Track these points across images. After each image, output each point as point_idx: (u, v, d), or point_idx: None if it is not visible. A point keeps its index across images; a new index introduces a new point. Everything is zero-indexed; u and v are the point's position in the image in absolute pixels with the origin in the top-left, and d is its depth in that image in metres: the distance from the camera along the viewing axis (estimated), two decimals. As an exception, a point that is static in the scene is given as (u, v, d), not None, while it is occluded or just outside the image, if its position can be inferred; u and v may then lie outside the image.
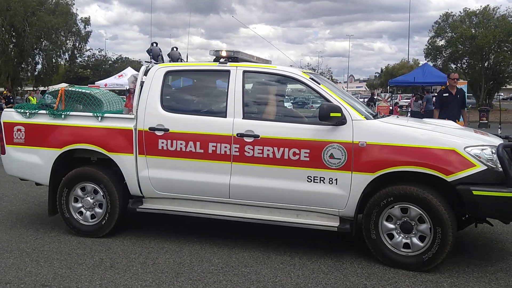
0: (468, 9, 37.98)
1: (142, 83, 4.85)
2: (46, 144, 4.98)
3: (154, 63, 5.01)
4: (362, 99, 21.80)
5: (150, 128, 4.70)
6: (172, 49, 5.44)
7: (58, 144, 4.94)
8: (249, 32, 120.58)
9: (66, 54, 32.81)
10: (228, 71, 4.63)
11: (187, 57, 5.63)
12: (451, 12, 38.37)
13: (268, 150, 4.33)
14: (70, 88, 5.24)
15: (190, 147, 4.56)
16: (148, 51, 5.09)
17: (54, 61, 30.68)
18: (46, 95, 5.78)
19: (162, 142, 4.66)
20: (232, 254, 4.57)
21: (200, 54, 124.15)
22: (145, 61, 5.08)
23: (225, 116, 4.53)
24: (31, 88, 31.98)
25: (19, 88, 30.27)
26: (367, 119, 4.29)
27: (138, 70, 5.18)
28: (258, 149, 4.36)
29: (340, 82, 74.86)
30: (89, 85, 33.16)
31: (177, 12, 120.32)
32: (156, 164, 4.72)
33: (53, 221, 5.59)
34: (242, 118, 4.47)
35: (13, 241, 5.00)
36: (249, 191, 4.47)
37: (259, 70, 4.70)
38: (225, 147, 4.45)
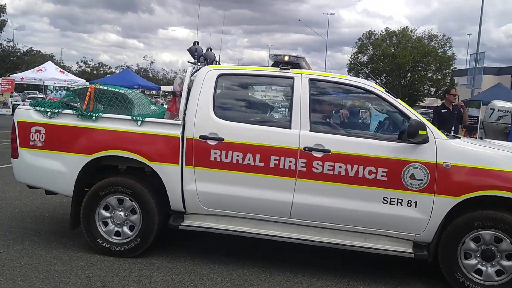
0: (389, 29, 40.70)
1: (190, 86, 4.33)
2: (72, 149, 4.22)
3: (200, 64, 4.50)
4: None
5: (201, 137, 4.17)
6: (208, 49, 4.95)
7: (87, 150, 4.20)
8: (168, 33, 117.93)
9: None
10: (292, 78, 4.26)
11: (219, 58, 5.16)
12: (374, 31, 40.88)
13: (340, 167, 3.99)
14: (100, 87, 4.51)
15: (248, 159, 4.11)
16: (191, 51, 4.56)
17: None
18: (68, 93, 4.94)
19: (215, 153, 4.15)
20: (231, 270, 4.32)
21: (115, 53, 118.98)
22: (189, 61, 4.54)
23: (289, 127, 4.14)
24: None
25: None
26: (449, 138, 4.15)
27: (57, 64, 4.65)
28: (329, 166, 4.02)
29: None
30: (2, 78, 30.10)
31: (92, 7, 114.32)
32: (206, 177, 4.18)
33: (11, 231, 5.10)
34: (309, 131, 4.12)
35: None
36: (314, 211, 4.10)
37: (327, 79, 4.36)
38: (290, 161, 4.07)
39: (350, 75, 39.05)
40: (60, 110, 4.27)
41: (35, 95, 31.57)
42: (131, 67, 60.81)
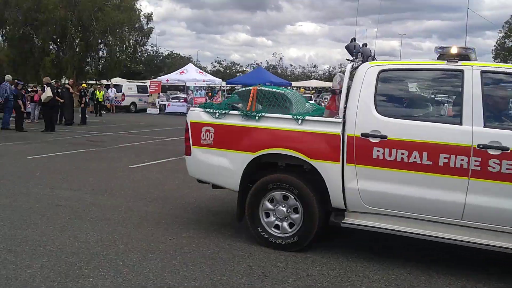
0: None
1: (349, 84, 4.29)
2: (237, 147, 4.52)
3: (358, 61, 4.43)
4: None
5: (363, 134, 4.13)
6: (363, 45, 4.85)
7: (251, 148, 4.45)
8: (295, 29, 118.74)
9: (129, 49, 32.96)
10: (461, 71, 3.98)
11: (374, 53, 5.04)
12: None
13: (523, 166, 3.66)
14: (262, 88, 4.72)
15: (414, 157, 3.96)
16: (349, 48, 4.51)
17: (117, 56, 30.90)
18: (233, 95, 5.31)
19: (378, 151, 4.08)
20: (387, 269, 4.27)
21: (245, 51, 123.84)
22: (346, 59, 4.52)
23: (460, 123, 3.89)
24: (94, 82, 32.40)
25: (83, 82, 30.61)
26: None
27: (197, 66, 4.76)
28: (508, 165, 3.70)
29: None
30: (151, 80, 33.35)
31: (224, 9, 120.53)
32: (368, 175, 4.14)
33: (177, 221, 5.66)
34: (483, 127, 3.82)
35: (148, 240, 4.95)
36: (491, 213, 3.81)
37: (503, 70, 4.03)
38: (462, 159, 3.82)
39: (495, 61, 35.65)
40: (226, 111, 4.57)
41: (177, 95, 34.37)
42: (260, 65, 62.92)
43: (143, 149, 12.21)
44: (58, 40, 29.96)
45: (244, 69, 68.85)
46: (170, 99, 31.73)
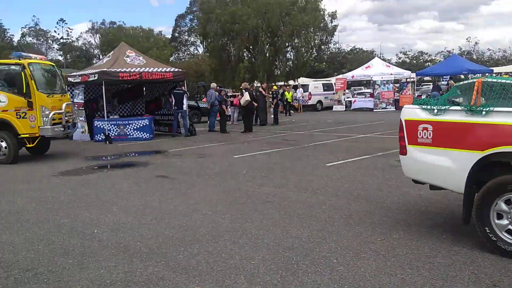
0: None
1: None
2: (461, 146, 4.16)
3: None
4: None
5: None
6: None
7: (478, 146, 4.04)
8: (491, 8, 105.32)
9: (314, 49, 33.81)
10: None
11: None
12: None
13: None
14: (487, 79, 4.26)
15: None
16: None
17: (304, 56, 31.95)
18: (456, 90, 4.98)
19: None
20: None
21: (432, 39, 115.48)
22: None
23: None
24: (282, 83, 34.11)
25: (273, 83, 32.51)
26: None
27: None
28: None
29: None
30: (336, 78, 33.62)
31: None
32: None
33: (384, 221, 5.46)
34: None
35: (358, 239, 4.91)
36: None
37: None
38: None
39: None
40: (447, 107, 4.24)
41: (362, 91, 33.93)
42: (452, 52, 57.79)
43: (336, 147, 12.33)
44: (251, 47, 32.38)
45: (433, 58, 64.12)
46: (355, 95, 31.48)
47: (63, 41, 68.87)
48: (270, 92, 23.02)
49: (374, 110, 27.65)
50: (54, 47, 69.42)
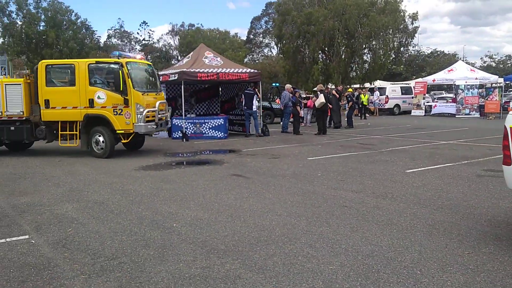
0: None
1: None
2: None
3: None
4: None
5: None
6: None
7: None
8: None
9: (392, 51, 32.79)
10: None
11: None
12: None
13: None
14: None
15: None
16: None
17: (381, 59, 31.03)
18: None
19: None
20: None
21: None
22: None
23: None
24: (357, 86, 33.40)
25: (348, 86, 31.92)
26: None
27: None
28: None
29: None
30: (415, 81, 32.28)
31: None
32: None
33: (470, 233, 4.99)
34: None
35: (443, 251, 4.65)
36: None
37: None
38: None
39: None
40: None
41: (442, 95, 32.30)
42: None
43: (416, 153, 11.78)
44: (326, 49, 32.04)
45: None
46: (436, 100, 30.03)
47: (145, 43, 72.30)
48: (345, 95, 22.52)
49: (456, 116, 26.19)
50: (136, 48, 73.11)
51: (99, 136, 11.51)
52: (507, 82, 31.06)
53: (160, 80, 16.18)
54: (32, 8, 42.41)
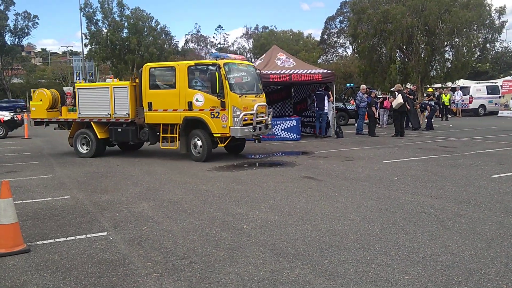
0: None
1: None
2: None
3: None
4: None
5: None
6: None
7: None
8: None
9: (477, 48, 30.76)
10: None
11: None
12: None
13: None
14: None
15: None
16: None
17: (465, 56, 29.19)
18: None
19: None
20: None
21: None
22: None
23: None
24: (439, 85, 31.72)
25: (428, 85, 30.41)
26: None
27: None
28: None
29: None
30: (503, 80, 30.05)
31: None
32: None
33: None
34: None
35: None
36: None
37: None
38: None
39: None
40: None
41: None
42: None
43: (503, 157, 10.92)
44: (404, 47, 30.73)
45: None
46: (526, 100, 27.75)
47: (220, 46, 74.12)
48: (419, 103, 21.33)
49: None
50: (212, 52, 75.18)
51: (198, 140, 11.40)
52: None
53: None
54: (116, 16, 45.06)
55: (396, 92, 17.71)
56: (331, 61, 58.25)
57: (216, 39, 74.11)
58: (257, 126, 11.53)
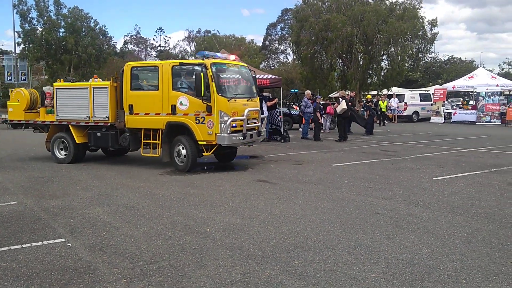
0: None
1: None
2: None
3: None
4: None
5: None
6: None
7: None
8: None
9: (411, 58, 32.52)
10: None
11: None
12: None
13: None
14: None
15: None
16: None
17: (399, 65, 30.77)
18: None
19: None
20: None
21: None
22: None
23: None
24: (375, 92, 33.16)
25: (366, 92, 31.72)
26: None
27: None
28: None
29: None
30: (435, 88, 31.98)
31: (511, 3, 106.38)
32: None
33: None
34: None
35: (485, 260, 4.57)
36: None
37: None
38: None
39: None
40: None
41: (458, 102, 32.03)
42: None
43: (441, 160, 11.64)
44: (344, 55, 31.90)
45: (543, 69, 58.78)
46: (455, 107, 29.72)
47: (161, 49, 72.97)
48: (361, 104, 22.31)
49: (476, 124, 25.85)
50: (152, 54, 73.76)
51: (182, 147, 10.29)
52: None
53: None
54: (52, 15, 43.02)
55: (340, 98, 18.34)
56: (272, 67, 59.11)
57: (157, 42, 72.95)
58: (248, 134, 10.46)
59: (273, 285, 4.02)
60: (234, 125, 10.07)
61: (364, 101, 22.70)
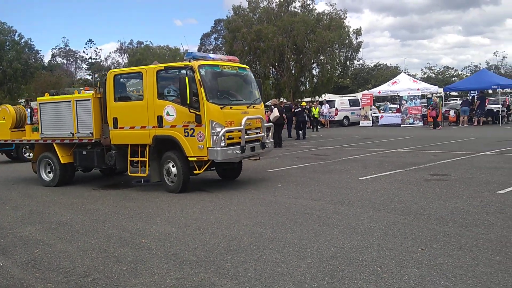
0: None
1: None
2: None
3: None
4: None
5: None
6: None
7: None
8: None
9: (339, 65, 34.11)
10: None
11: None
12: None
13: None
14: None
15: None
16: None
17: (329, 73, 32.18)
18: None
19: None
20: None
21: (457, 53, 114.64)
22: None
23: None
24: (309, 99, 34.33)
25: (299, 99, 32.77)
26: None
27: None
28: None
29: None
30: (362, 93, 33.64)
31: (430, 11, 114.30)
32: None
33: (423, 232, 5.07)
34: None
35: (399, 249, 4.89)
36: None
37: None
38: None
39: None
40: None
41: (385, 106, 33.99)
42: (479, 66, 57.19)
43: (367, 161, 12.40)
44: (276, 64, 32.85)
45: (460, 73, 63.64)
46: (381, 110, 31.47)
47: (91, 61, 70.95)
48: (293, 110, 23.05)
49: (401, 126, 27.54)
50: (82, 67, 71.57)
51: (172, 166, 8.99)
52: (446, 92, 32.99)
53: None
54: (-28, 28, 40.79)
55: (272, 106, 18.91)
56: (208, 77, 59.20)
57: (87, 54, 70.86)
58: (248, 146, 9.03)
59: (206, 287, 4.24)
60: (230, 136, 8.76)
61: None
